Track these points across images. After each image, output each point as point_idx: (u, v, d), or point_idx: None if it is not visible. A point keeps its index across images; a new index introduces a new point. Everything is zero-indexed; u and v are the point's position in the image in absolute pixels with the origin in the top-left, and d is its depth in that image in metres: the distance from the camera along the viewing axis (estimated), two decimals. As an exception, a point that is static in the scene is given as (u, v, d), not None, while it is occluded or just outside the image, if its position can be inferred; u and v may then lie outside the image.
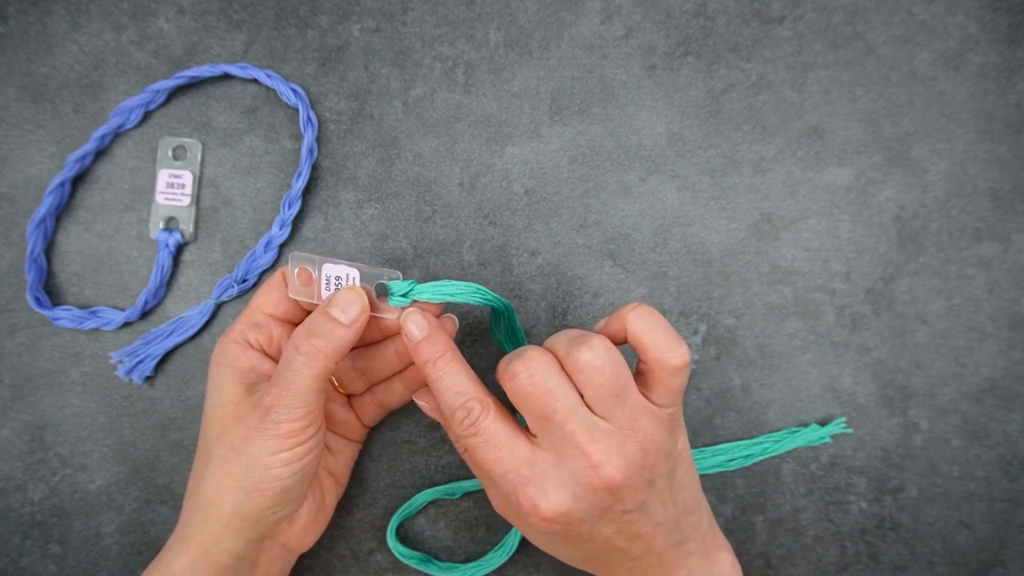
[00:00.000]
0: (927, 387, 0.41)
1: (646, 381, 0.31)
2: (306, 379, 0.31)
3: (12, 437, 0.40)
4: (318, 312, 0.32)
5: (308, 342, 0.31)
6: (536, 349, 0.31)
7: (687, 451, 0.33)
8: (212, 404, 0.33)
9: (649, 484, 0.30)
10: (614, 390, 0.29)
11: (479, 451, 0.31)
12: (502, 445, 0.30)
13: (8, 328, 0.40)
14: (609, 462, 0.29)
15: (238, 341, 0.34)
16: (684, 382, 0.31)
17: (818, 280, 0.41)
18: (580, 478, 0.29)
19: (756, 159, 0.42)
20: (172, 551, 0.32)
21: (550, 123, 0.42)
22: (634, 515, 0.30)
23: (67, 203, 0.41)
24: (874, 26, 0.42)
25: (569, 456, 0.29)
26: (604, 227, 0.41)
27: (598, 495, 0.29)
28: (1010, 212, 0.41)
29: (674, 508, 0.31)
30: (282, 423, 0.31)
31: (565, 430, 0.29)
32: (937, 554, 0.40)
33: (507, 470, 0.30)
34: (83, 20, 0.42)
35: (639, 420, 0.30)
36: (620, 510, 0.30)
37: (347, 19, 0.42)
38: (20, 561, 0.40)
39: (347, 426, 0.38)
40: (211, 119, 0.42)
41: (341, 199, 0.41)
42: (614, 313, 0.32)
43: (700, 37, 0.42)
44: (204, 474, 0.32)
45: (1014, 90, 0.42)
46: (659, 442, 0.30)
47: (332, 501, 0.37)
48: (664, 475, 0.31)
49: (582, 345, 0.29)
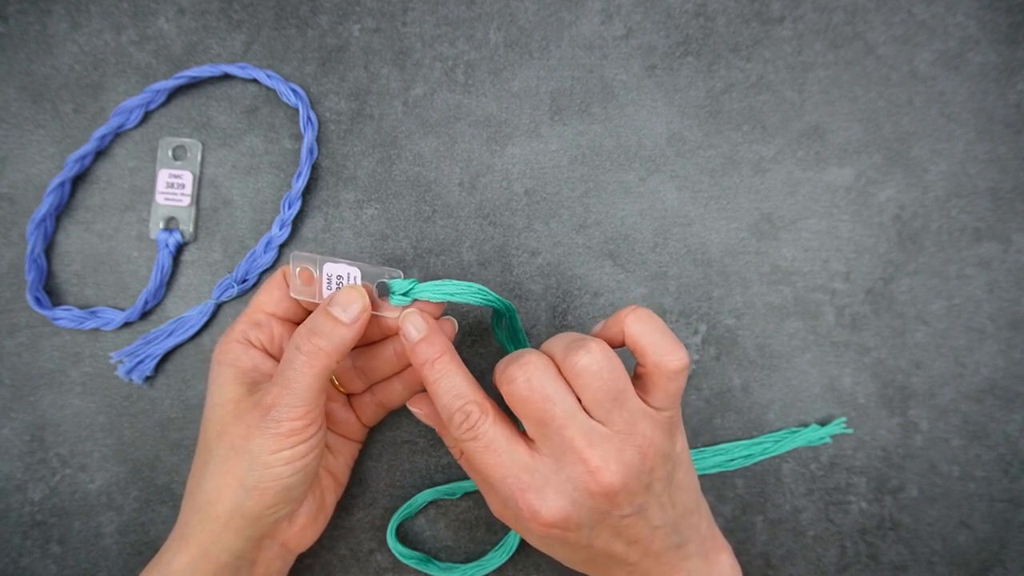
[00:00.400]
0: (927, 387, 0.41)
1: (644, 385, 0.31)
2: (307, 378, 0.31)
3: (12, 437, 0.40)
4: (319, 311, 0.32)
5: (309, 341, 0.31)
6: (533, 353, 0.30)
7: (686, 453, 0.33)
8: (212, 403, 0.33)
9: (647, 488, 0.30)
10: (612, 394, 0.29)
11: (477, 456, 0.31)
12: (501, 450, 0.30)
13: (8, 328, 0.40)
14: (607, 467, 0.29)
15: (239, 340, 0.34)
16: (682, 386, 0.31)
17: (818, 280, 0.41)
18: (578, 483, 0.29)
19: (756, 159, 0.42)
20: (171, 550, 0.32)
21: (550, 123, 0.42)
22: (632, 520, 0.30)
23: (67, 203, 0.41)
24: (874, 26, 0.42)
25: (567, 461, 0.29)
26: (604, 227, 0.42)
27: (596, 500, 0.29)
28: (1010, 212, 0.41)
29: (673, 511, 0.31)
30: (283, 422, 0.31)
31: (563, 435, 0.29)
32: (937, 554, 0.40)
33: (506, 475, 0.30)
34: (83, 20, 0.42)
35: (637, 424, 0.29)
36: (618, 515, 0.30)
37: (347, 19, 0.42)
38: (20, 561, 0.40)
39: (347, 425, 0.38)
40: (211, 119, 0.42)
41: (341, 199, 0.41)
42: (612, 316, 0.32)
43: (700, 37, 0.42)
44: (204, 473, 0.32)
45: (1014, 90, 0.42)
46: (657, 446, 0.30)
47: (332, 500, 0.37)
48: (662, 479, 0.30)
49: (580, 349, 0.29)
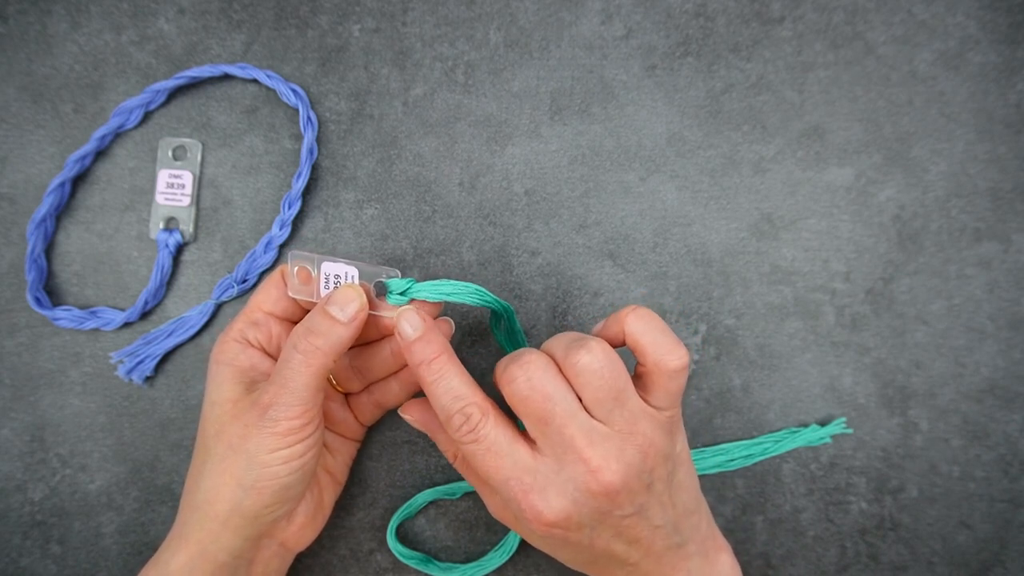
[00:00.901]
0: (927, 387, 0.41)
1: (644, 384, 0.31)
2: (304, 377, 0.31)
3: (12, 437, 0.40)
4: (317, 310, 0.32)
5: (306, 340, 0.31)
6: (534, 352, 0.30)
7: (686, 453, 0.33)
8: (211, 402, 0.33)
9: (648, 488, 0.30)
10: (612, 393, 0.29)
11: (478, 458, 0.30)
12: (503, 452, 0.30)
13: (8, 328, 0.40)
14: (608, 467, 0.29)
15: (237, 339, 0.34)
16: (683, 385, 0.30)
17: (818, 280, 0.41)
18: (579, 483, 0.29)
19: (756, 159, 0.42)
20: (170, 549, 0.32)
21: (550, 123, 0.42)
22: (632, 519, 0.30)
23: (67, 203, 0.41)
24: (874, 26, 0.42)
25: (568, 461, 0.29)
26: (604, 227, 0.41)
27: (597, 500, 0.29)
28: (1010, 212, 0.41)
29: (673, 511, 0.31)
30: (280, 421, 0.30)
31: (564, 434, 0.29)
32: (937, 554, 0.40)
33: (509, 477, 0.30)
34: (83, 20, 0.42)
35: (638, 423, 0.29)
36: (619, 515, 0.30)
37: (347, 19, 0.42)
38: (20, 561, 0.40)
39: (345, 425, 0.38)
40: (211, 119, 0.42)
41: (341, 199, 0.41)
42: (612, 315, 0.32)
43: (700, 37, 0.42)
44: (202, 472, 0.32)
45: (1014, 90, 0.42)
46: (658, 445, 0.30)
47: (330, 500, 0.37)
48: (663, 478, 0.30)
49: (580, 348, 0.29)
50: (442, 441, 0.35)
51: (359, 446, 0.39)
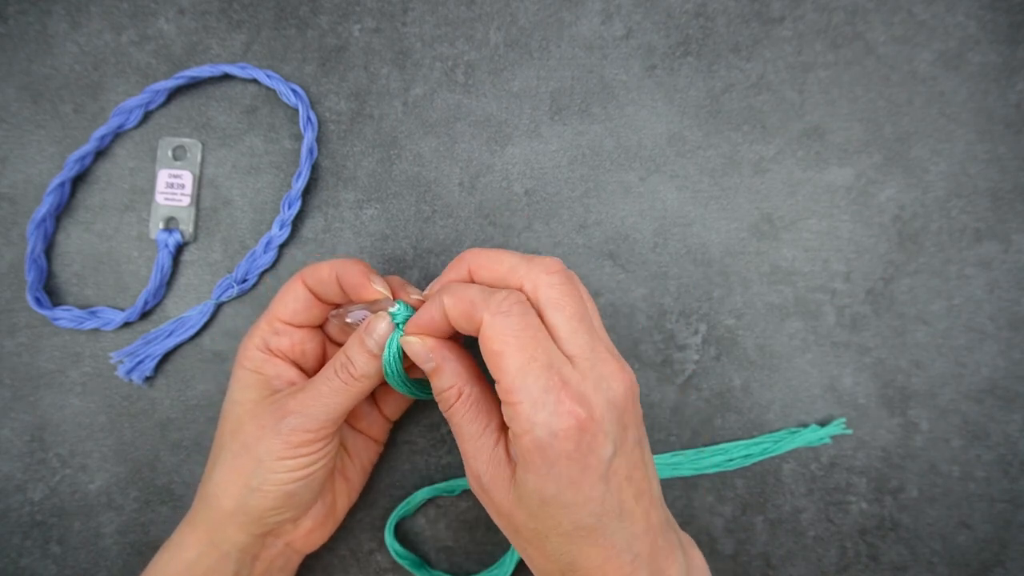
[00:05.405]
0: (927, 387, 0.41)
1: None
2: (337, 399, 0.31)
3: (12, 437, 0.40)
4: (361, 349, 0.32)
5: (348, 373, 0.32)
6: (499, 291, 0.29)
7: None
8: (232, 400, 0.33)
9: (637, 426, 0.30)
10: (585, 322, 0.29)
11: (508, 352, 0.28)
12: (542, 342, 0.28)
13: (8, 328, 0.40)
14: (624, 369, 0.29)
15: (260, 348, 0.34)
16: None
17: (818, 280, 0.41)
18: (611, 382, 0.28)
19: (756, 159, 0.42)
20: (182, 533, 0.33)
21: (550, 123, 0.42)
22: (637, 454, 0.29)
23: (67, 203, 0.41)
24: (874, 26, 0.42)
25: (600, 359, 0.28)
26: (604, 227, 0.41)
27: (624, 401, 0.28)
28: (1010, 212, 0.41)
29: (654, 481, 0.30)
30: (296, 431, 0.31)
31: (595, 329, 0.29)
32: (937, 554, 0.40)
33: (551, 362, 0.28)
34: (83, 20, 0.42)
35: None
36: (631, 439, 0.29)
37: (347, 19, 0.42)
38: (20, 561, 0.40)
39: (369, 420, 0.38)
40: (211, 119, 0.42)
41: (341, 199, 0.41)
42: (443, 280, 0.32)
43: (700, 37, 0.42)
44: (215, 466, 0.33)
45: (1014, 90, 0.42)
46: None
47: (344, 506, 0.37)
48: (638, 431, 0.30)
49: (496, 295, 0.28)
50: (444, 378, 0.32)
51: (380, 450, 0.39)
